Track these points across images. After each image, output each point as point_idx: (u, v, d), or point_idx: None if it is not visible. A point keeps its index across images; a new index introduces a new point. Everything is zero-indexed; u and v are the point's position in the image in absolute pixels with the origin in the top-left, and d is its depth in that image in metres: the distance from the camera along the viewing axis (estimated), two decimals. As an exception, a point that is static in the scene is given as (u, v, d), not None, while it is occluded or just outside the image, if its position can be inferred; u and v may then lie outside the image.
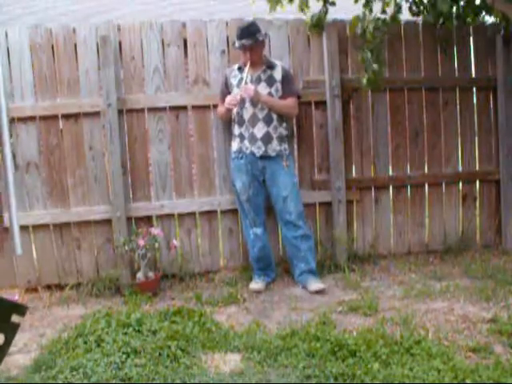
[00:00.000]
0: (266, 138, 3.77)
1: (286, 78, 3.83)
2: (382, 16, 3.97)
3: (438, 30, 4.29)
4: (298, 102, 3.92)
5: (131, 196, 4.05)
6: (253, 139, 3.76)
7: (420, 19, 4.34)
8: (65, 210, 3.97)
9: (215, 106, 4.04)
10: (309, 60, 4.17)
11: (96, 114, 3.94)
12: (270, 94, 3.77)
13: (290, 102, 3.83)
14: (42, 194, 3.95)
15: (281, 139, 3.82)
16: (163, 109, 4.03)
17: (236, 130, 3.85)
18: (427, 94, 4.38)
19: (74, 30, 3.92)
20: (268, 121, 3.77)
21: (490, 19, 4.54)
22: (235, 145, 3.86)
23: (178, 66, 4.04)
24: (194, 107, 4.08)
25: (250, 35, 3.67)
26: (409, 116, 4.36)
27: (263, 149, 3.76)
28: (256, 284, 3.81)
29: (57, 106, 3.92)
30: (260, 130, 3.76)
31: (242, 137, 3.81)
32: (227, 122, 4.02)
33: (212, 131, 4.10)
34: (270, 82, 3.79)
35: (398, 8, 3.96)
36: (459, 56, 4.41)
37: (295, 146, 4.22)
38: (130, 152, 4.02)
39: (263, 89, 3.76)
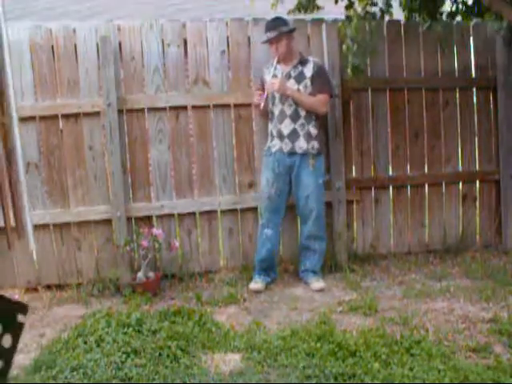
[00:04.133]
0: (293, 136, 3.77)
1: (317, 75, 3.78)
2: (372, 9, 3.98)
3: (424, 30, 4.27)
4: (330, 100, 3.88)
5: (131, 196, 4.05)
6: (281, 136, 3.79)
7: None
8: (65, 210, 3.97)
9: (215, 106, 4.05)
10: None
11: (96, 113, 3.94)
12: (298, 90, 3.77)
13: (319, 98, 3.77)
14: (41, 193, 3.95)
15: (308, 137, 3.78)
16: (163, 109, 4.03)
17: (269, 126, 3.91)
18: (427, 94, 4.38)
19: (74, 30, 3.92)
20: (295, 118, 3.77)
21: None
22: (268, 142, 3.92)
23: (178, 66, 4.04)
24: (194, 107, 4.08)
25: (274, 28, 3.70)
26: (409, 116, 4.36)
27: (290, 145, 3.78)
28: (255, 284, 3.81)
29: (57, 106, 3.92)
30: (287, 126, 3.77)
31: (271, 134, 3.87)
32: (227, 122, 4.07)
33: (212, 131, 4.11)
34: (300, 78, 3.78)
35: (388, 5, 3.98)
36: (459, 56, 4.42)
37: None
38: (130, 152, 4.02)
39: (292, 85, 3.77)
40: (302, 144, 3.78)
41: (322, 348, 2.72)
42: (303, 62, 3.81)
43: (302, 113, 3.77)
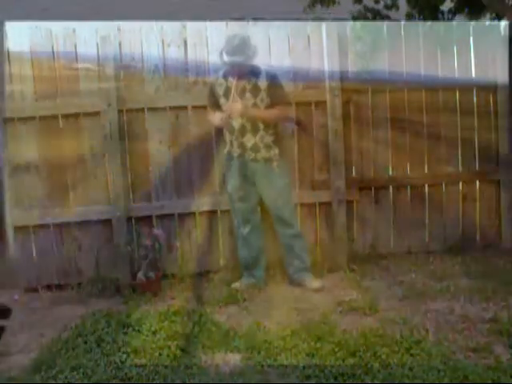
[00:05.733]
0: (255, 148, 3.73)
1: (272, 85, 3.69)
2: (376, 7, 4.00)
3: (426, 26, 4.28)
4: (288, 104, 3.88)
5: (131, 196, 4.05)
6: (243, 148, 3.73)
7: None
8: (65, 210, 3.97)
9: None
10: (309, 60, 4.17)
11: (96, 113, 3.94)
12: (255, 104, 3.68)
13: (280, 109, 3.74)
14: (41, 193, 3.95)
15: (268, 147, 3.74)
16: (163, 109, 4.03)
17: (227, 136, 3.81)
18: (427, 94, 4.38)
19: (74, 30, 3.92)
20: (255, 131, 3.71)
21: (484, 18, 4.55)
22: (226, 148, 3.84)
23: (178, 65, 4.04)
24: (194, 107, 4.08)
25: (238, 52, 3.54)
26: (409, 116, 4.36)
27: (253, 155, 3.74)
28: (237, 283, 3.83)
29: (57, 106, 3.92)
30: (249, 139, 3.72)
31: (231, 144, 3.78)
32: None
33: (212, 131, 4.10)
34: (255, 92, 3.67)
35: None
36: (459, 56, 4.41)
37: (295, 146, 4.22)
38: (130, 152, 4.02)
39: (248, 99, 3.67)
40: (264, 154, 3.73)
41: (322, 348, 2.72)
42: (255, 72, 3.69)
43: (261, 126, 3.71)
